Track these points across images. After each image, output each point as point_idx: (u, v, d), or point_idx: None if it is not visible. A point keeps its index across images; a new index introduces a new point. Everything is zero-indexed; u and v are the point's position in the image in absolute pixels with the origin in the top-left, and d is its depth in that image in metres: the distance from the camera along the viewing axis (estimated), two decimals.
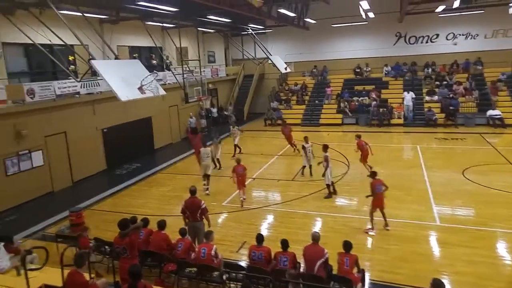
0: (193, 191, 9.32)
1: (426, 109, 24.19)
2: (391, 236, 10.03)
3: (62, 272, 6.07)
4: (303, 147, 14.90)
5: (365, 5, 18.88)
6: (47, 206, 13.66)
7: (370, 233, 10.23)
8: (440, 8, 22.32)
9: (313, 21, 26.98)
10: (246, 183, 12.99)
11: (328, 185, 12.95)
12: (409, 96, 24.71)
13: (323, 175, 12.75)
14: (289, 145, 19.26)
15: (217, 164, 16.59)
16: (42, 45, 13.52)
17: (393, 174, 15.04)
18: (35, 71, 15.80)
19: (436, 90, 25.57)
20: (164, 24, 20.87)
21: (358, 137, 15.11)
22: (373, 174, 10.64)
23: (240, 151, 18.76)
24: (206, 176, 13.97)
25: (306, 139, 14.98)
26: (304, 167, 15.26)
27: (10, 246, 8.11)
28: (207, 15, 19.66)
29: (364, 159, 14.98)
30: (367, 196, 10.52)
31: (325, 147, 13.01)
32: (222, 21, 21.70)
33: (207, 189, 13.87)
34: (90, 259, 6.58)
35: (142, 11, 16.89)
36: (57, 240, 9.73)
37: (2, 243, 7.96)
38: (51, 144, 14.86)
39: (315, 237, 7.41)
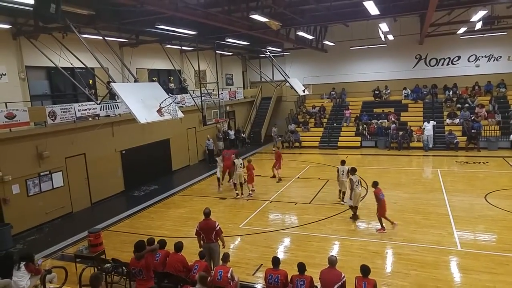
0: (207, 214, 9.30)
1: (446, 132, 23.81)
2: (410, 261, 9.78)
3: None
4: (337, 170, 14.65)
5: (384, 27, 18.96)
6: (67, 227, 13.86)
7: (382, 231, 11.53)
8: (462, 30, 22.19)
9: (331, 44, 27.15)
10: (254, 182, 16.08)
11: (351, 207, 12.99)
12: (430, 126, 23.96)
13: (350, 197, 12.90)
14: (306, 168, 19.08)
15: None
16: (63, 68, 13.98)
17: (413, 198, 14.83)
18: (56, 93, 16.26)
19: (458, 113, 25.18)
20: (183, 47, 21.34)
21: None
22: (375, 184, 11.78)
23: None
24: (241, 184, 15.98)
25: (342, 162, 14.71)
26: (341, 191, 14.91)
27: (31, 265, 8.21)
28: (226, 38, 20.03)
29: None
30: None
31: (353, 170, 13.08)
32: (240, 44, 22.07)
33: (250, 193, 16.04)
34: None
35: (161, 34, 17.35)
36: (76, 260, 9.88)
37: (23, 263, 8.08)
38: (70, 165, 15.16)
39: (332, 261, 7.29)
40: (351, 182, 12.72)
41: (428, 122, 24.17)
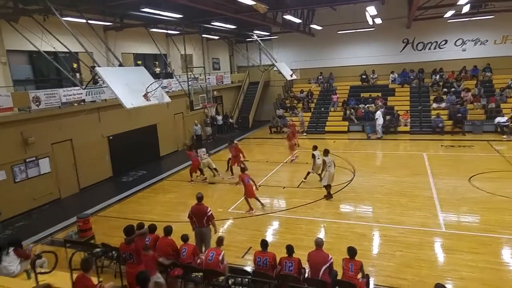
0: (199, 198, 9.35)
1: (433, 116, 24.07)
2: (396, 242, 10.00)
3: (71, 276, 6.15)
4: (313, 155, 14.93)
5: (372, 11, 18.89)
6: (55, 212, 13.80)
7: (251, 211, 12.43)
8: (449, 13, 22.24)
9: (319, 28, 27.05)
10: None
11: (325, 186, 13.34)
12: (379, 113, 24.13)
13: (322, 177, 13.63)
14: (294, 153, 19.22)
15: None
16: (46, 52, 13.68)
17: (399, 181, 15.07)
18: (40, 78, 15.98)
19: (444, 97, 25.45)
20: (169, 31, 21.05)
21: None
22: (242, 170, 12.98)
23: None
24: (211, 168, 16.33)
25: (314, 148, 15.05)
26: (309, 173, 15.31)
27: (20, 250, 8.21)
28: (212, 22, 19.81)
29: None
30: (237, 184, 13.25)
31: (326, 152, 13.50)
32: (227, 27, 21.86)
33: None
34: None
35: (146, 18, 17.11)
36: (66, 245, 9.90)
37: (12, 248, 8.08)
38: (57, 151, 15.01)
39: (319, 243, 7.44)
40: (324, 164, 13.17)
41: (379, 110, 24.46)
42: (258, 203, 12.92)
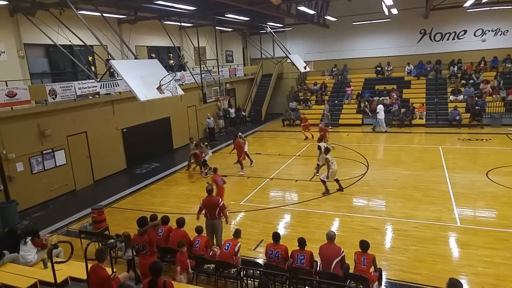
0: (209, 191, 9.39)
1: (450, 109, 23.59)
2: (409, 236, 9.89)
3: (86, 266, 6.26)
4: (318, 147, 14.99)
5: (388, 1, 18.45)
6: (71, 204, 14.02)
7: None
8: (469, 2, 21.54)
9: (333, 19, 26.71)
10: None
11: (323, 181, 13.24)
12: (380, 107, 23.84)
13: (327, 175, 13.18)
14: (307, 146, 19.14)
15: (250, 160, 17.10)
16: (62, 45, 13.86)
17: (414, 175, 14.87)
18: (56, 71, 16.17)
19: (462, 89, 24.90)
20: (182, 24, 21.02)
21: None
22: (214, 170, 12.19)
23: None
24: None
25: (320, 139, 15.34)
26: (318, 165, 15.32)
27: (37, 240, 8.41)
28: (225, 14, 19.73)
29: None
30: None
31: (327, 150, 13.59)
32: (240, 19, 21.76)
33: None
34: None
35: (160, 10, 17.12)
36: (81, 236, 10.10)
37: (29, 238, 8.27)
38: (73, 143, 15.21)
39: (331, 236, 7.40)
40: (327, 161, 13.00)
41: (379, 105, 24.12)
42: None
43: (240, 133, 17.98)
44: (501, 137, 20.15)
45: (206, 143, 17.27)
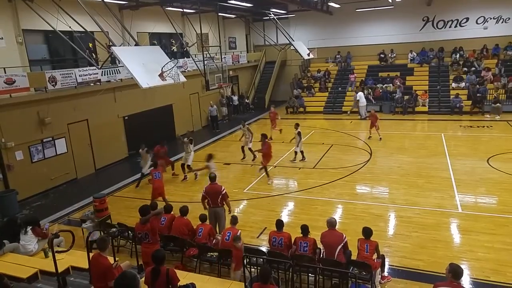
0: (212, 178, 9.33)
1: (452, 96, 23.47)
2: (411, 223, 9.89)
3: (88, 255, 6.23)
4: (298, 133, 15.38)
5: None
6: (72, 192, 13.99)
7: None
8: None
9: (337, 6, 26.35)
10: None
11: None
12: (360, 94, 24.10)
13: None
14: (310, 133, 18.99)
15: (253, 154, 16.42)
16: (62, 32, 13.58)
17: (416, 162, 14.86)
18: (55, 58, 15.97)
19: (464, 76, 24.76)
20: (184, 10, 20.76)
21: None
22: (154, 164, 12.13)
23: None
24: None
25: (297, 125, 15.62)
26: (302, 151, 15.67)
27: (38, 229, 8.35)
28: (228, 0, 19.46)
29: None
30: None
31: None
32: (243, 5, 21.47)
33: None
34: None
35: None
36: (82, 224, 10.00)
37: (30, 227, 8.22)
38: (73, 131, 15.12)
39: (332, 223, 7.39)
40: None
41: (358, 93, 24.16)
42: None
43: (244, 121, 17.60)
44: (502, 124, 20.14)
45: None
